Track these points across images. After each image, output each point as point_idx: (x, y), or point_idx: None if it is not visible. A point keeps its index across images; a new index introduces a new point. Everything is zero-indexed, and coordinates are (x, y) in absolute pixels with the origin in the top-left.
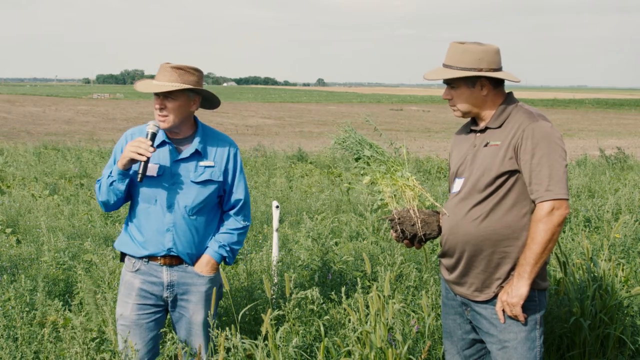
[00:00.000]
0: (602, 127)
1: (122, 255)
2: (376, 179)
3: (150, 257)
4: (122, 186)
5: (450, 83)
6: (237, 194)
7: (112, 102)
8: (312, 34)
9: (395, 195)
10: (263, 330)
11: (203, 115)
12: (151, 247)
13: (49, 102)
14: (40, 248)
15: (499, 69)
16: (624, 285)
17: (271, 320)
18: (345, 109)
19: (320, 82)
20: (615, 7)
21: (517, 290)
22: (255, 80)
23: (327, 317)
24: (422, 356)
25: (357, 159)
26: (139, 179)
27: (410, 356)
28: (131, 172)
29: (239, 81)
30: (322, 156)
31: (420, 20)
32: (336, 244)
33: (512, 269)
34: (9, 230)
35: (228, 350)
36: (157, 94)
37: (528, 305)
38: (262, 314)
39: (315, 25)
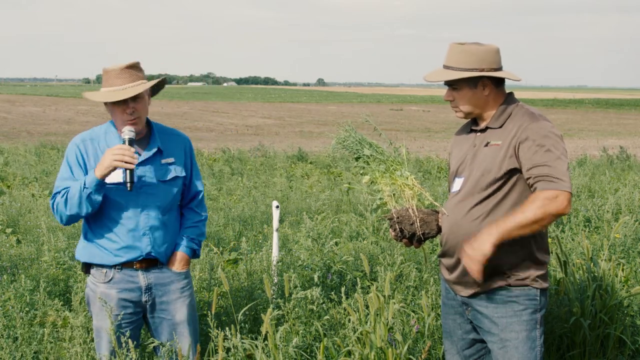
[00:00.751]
0: (602, 127)
1: (87, 267)
2: (376, 178)
3: (124, 264)
4: (99, 197)
5: (451, 84)
6: (197, 185)
7: None
8: (312, 34)
9: (394, 194)
10: (263, 330)
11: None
12: (127, 254)
13: (49, 102)
14: (40, 248)
15: (500, 69)
16: (624, 285)
17: (271, 320)
18: (345, 109)
19: (320, 82)
20: (615, 7)
21: (481, 244)
22: (255, 80)
23: (327, 317)
24: (422, 356)
25: (357, 159)
26: (129, 188)
27: (410, 356)
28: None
29: (239, 81)
30: (322, 156)
31: (420, 20)
32: (336, 244)
33: (512, 268)
34: (9, 230)
35: (228, 350)
36: (123, 100)
37: (529, 305)
38: (262, 314)
39: (315, 25)
